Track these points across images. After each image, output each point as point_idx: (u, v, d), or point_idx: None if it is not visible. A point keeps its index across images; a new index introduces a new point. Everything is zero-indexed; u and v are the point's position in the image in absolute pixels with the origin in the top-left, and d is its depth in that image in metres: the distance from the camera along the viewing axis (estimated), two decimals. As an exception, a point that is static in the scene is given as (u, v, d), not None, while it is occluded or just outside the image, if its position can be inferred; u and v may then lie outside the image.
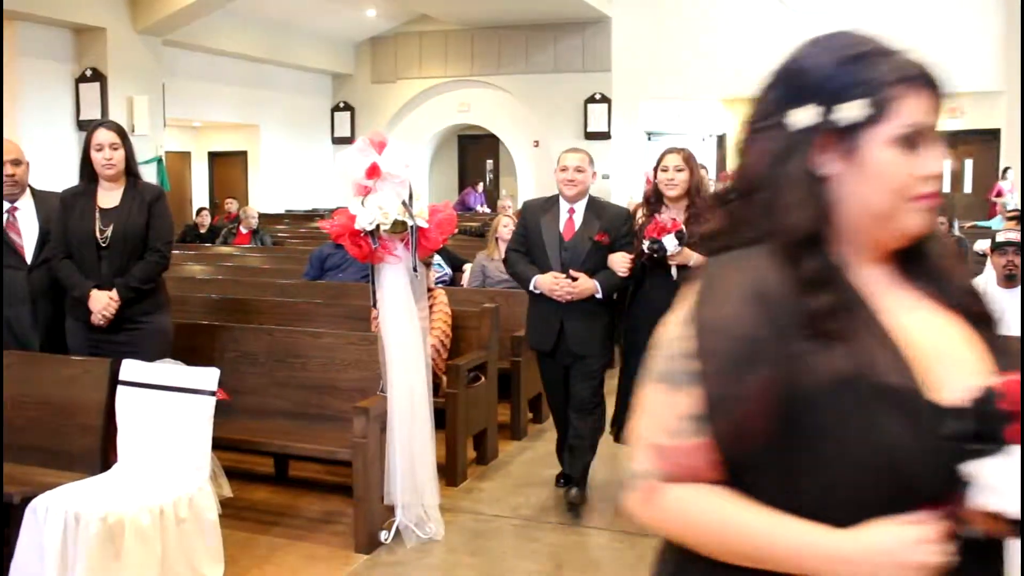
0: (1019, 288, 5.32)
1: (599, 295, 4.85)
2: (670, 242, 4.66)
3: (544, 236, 4.97)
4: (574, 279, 4.84)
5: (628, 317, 4.94)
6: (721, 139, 19.12)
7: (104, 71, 12.38)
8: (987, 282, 5.43)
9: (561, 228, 4.96)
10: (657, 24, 16.36)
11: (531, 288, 4.94)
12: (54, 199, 4.87)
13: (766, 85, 1.41)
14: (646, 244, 4.66)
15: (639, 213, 5.04)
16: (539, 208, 5.10)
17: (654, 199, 5.00)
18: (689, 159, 4.90)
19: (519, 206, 13.79)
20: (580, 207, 4.99)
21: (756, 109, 1.44)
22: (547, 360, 5.11)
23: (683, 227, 4.71)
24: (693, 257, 4.58)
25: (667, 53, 16.28)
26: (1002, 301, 5.25)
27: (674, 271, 4.71)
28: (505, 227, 7.25)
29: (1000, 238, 5.40)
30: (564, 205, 5.00)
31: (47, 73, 12.13)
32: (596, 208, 5.01)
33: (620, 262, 4.78)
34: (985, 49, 14.07)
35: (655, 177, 5.00)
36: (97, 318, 4.52)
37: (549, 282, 4.84)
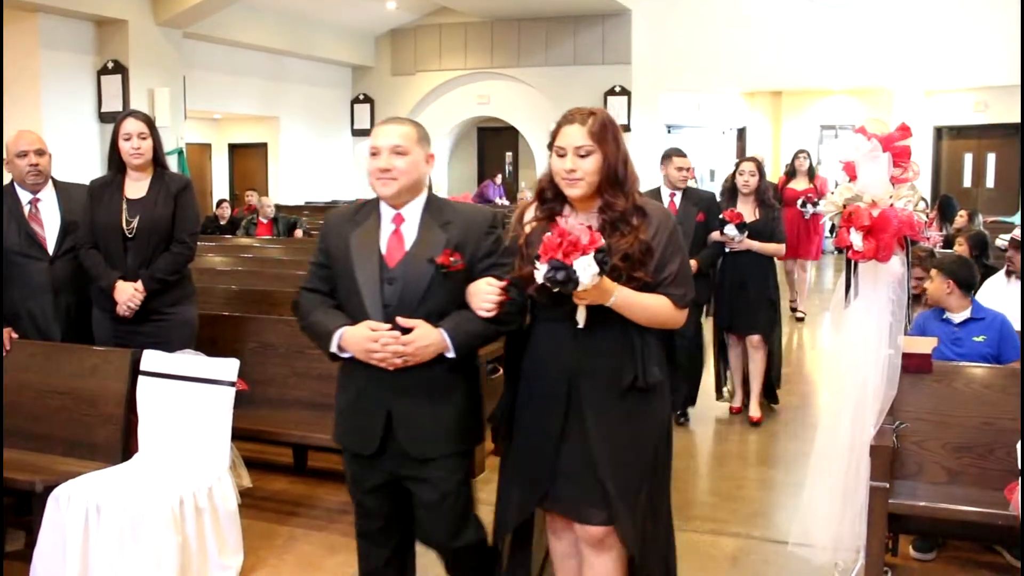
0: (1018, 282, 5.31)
1: (451, 354, 3.04)
2: (584, 267, 2.71)
3: (355, 262, 3.11)
4: (405, 330, 2.99)
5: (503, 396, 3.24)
6: (741, 132, 19.04)
7: (125, 63, 12.43)
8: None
9: (382, 248, 3.10)
10: (677, 16, 16.29)
11: (334, 350, 3.14)
12: (76, 190, 4.91)
13: None
14: (540, 271, 2.74)
15: (528, 214, 3.14)
16: (345, 220, 3.22)
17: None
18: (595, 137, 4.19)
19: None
20: (411, 212, 3.14)
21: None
22: (363, 469, 3.21)
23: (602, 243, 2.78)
24: (618, 294, 2.86)
25: (687, 46, 16.22)
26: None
27: (580, 315, 2.90)
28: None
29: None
30: (386, 212, 3.17)
31: (69, 65, 12.19)
32: (439, 211, 3.15)
33: (484, 295, 2.98)
34: (1007, 43, 13.94)
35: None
36: (122, 309, 4.55)
37: (363, 339, 3.01)
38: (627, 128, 16.57)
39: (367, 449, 3.11)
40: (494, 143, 20.46)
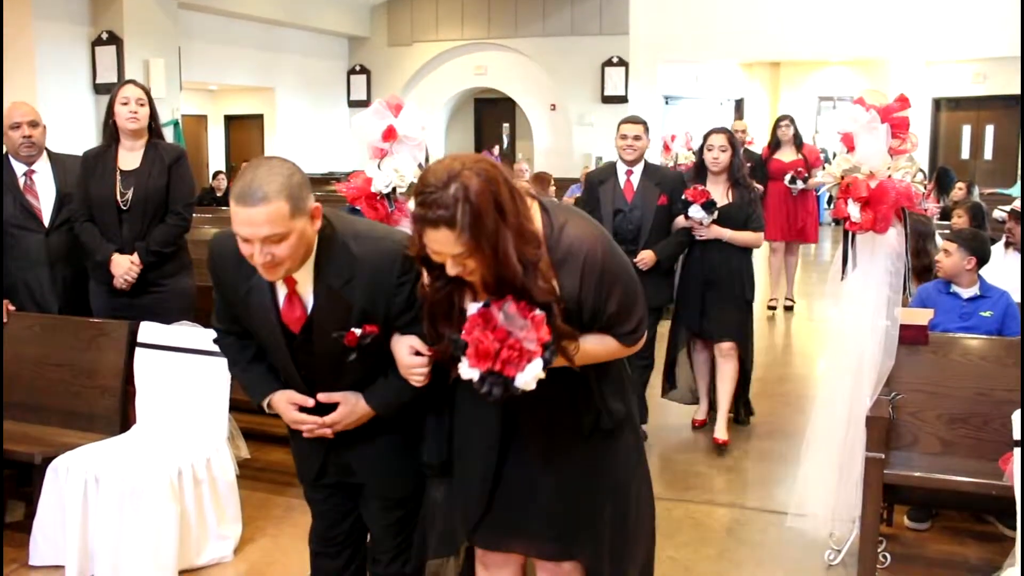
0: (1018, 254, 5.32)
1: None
2: (530, 378, 2.22)
3: (256, 325, 2.74)
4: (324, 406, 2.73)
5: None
6: (739, 103, 18.98)
7: (120, 34, 12.34)
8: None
9: (280, 313, 2.65)
10: (675, -14, 16.19)
11: (264, 404, 2.83)
12: (71, 162, 4.89)
13: None
14: (469, 374, 2.25)
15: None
16: (233, 267, 2.65)
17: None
18: None
19: (535, 169, 13.77)
20: (304, 274, 2.58)
21: None
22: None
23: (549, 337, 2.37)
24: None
25: (685, 16, 16.11)
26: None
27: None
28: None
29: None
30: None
31: (63, 36, 12.11)
32: (337, 266, 2.60)
33: (411, 369, 2.60)
34: (1007, 14, 13.87)
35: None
36: (119, 282, 4.54)
37: (288, 418, 2.77)
38: (624, 99, 16.51)
39: (309, 476, 2.91)
40: (491, 114, 20.37)
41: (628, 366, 2.65)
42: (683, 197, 5.27)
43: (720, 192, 5.41)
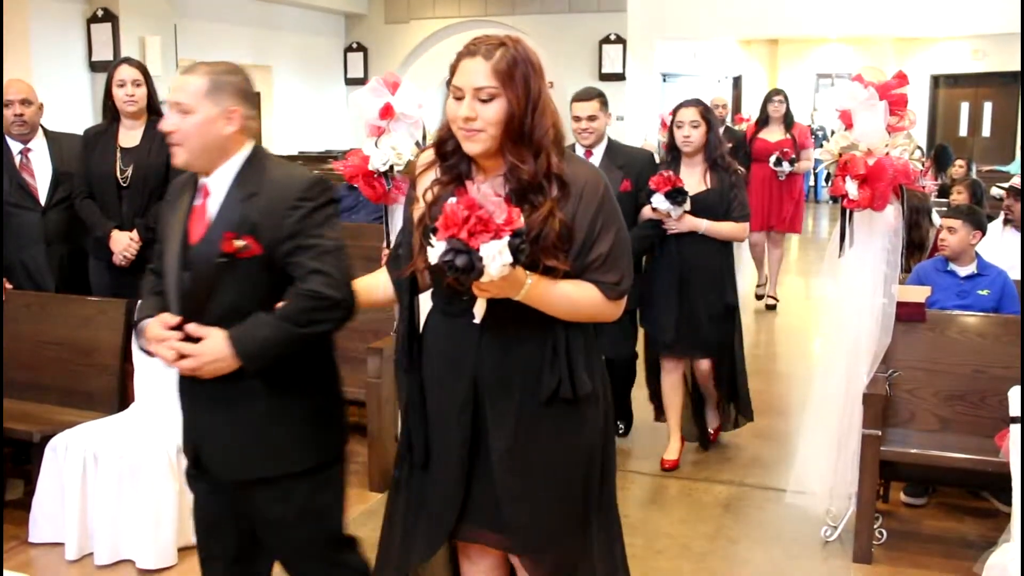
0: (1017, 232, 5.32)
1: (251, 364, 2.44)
2: (493, 253, 2.10)
3: (165, 241, 2.65)
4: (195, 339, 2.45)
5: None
6: (737, 80, 18.92)
7: (115, 11, 12.28)
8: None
9: (187, 224, 2.59)
10: (673, -38, 16.12)
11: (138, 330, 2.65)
12: (67, 140, 4.87)
13: None
14: (435, 249, 2.12)
15: (427, 178, 2.44)
16: (174, 189, 2.88)
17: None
18: None
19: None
20: (219, 182, 2.57)
21: None
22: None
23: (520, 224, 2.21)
24: (529, 286, 2.22)
25: (683, -8, 16.06)
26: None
27: (479, 309, 2.31)
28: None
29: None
30: (201, 182, 2.65)
31: (58, 13, 12.04)
32: (249, 180, 2.56)
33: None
34: (1007, -11, 13.83)
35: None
36: (119, 259, 4.54)
37: (151, 339, 2.53)
38: (622, 77, 16.46)
39: (189, 467, 2.69)
40: (489, 92, 20.30)
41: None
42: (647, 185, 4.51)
43: (696, 176, 4.59)
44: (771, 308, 8.63)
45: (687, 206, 4.51)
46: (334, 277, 2.44)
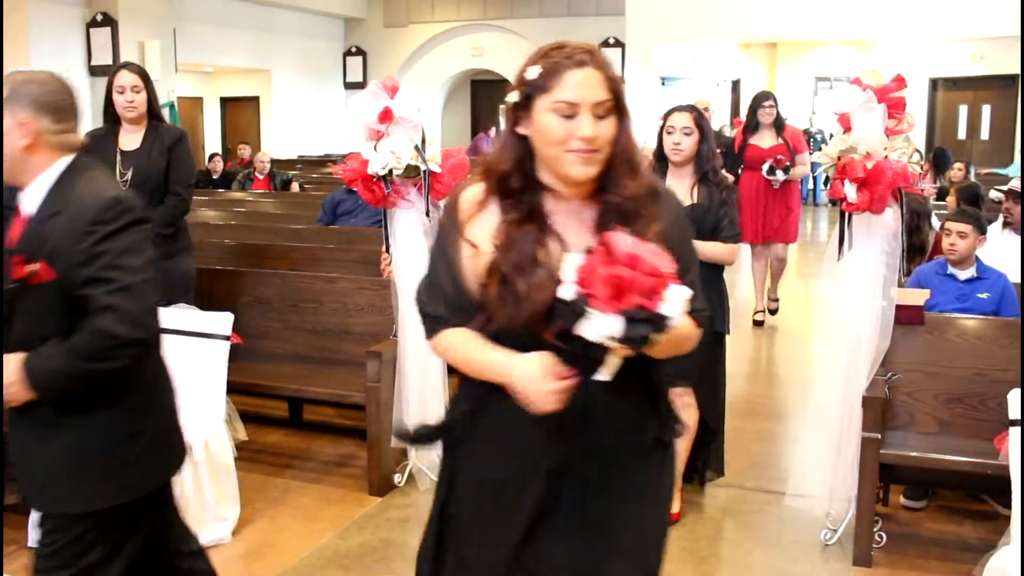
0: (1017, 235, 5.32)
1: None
2: (676, 304, 1.88)
3: None
4: None
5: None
6: (736, 84, 18.94)
7: (115, 15, 12.31)
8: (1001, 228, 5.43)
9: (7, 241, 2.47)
10: (672, -34, 16.13)
11: None
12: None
13: None
14: (604, 327, 1.81)
15: (482, 221, 2.09)
16: None
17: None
18: None
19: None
20: (31, 198, 2.41)
21: None
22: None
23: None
24: None
25: (682, -4, 16.08)
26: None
27: (612, 366, 1.92)
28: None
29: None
30: None
31: (58, 18, 12.07)
32: (59, 197, 2.38)
33: None
34: (1005, -8, 13.85)
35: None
36: (116, 262, 4.54)
37: None
38: (621, 80, 16.46)
39: None
40: (487, 96, 20.32)
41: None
42: None
43: (683, 189, 4.13)
44: (772, 312, 8.30)
45: None
46: (128, 313, 2.23)
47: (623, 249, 1.78)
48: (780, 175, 7.62)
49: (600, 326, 1.75)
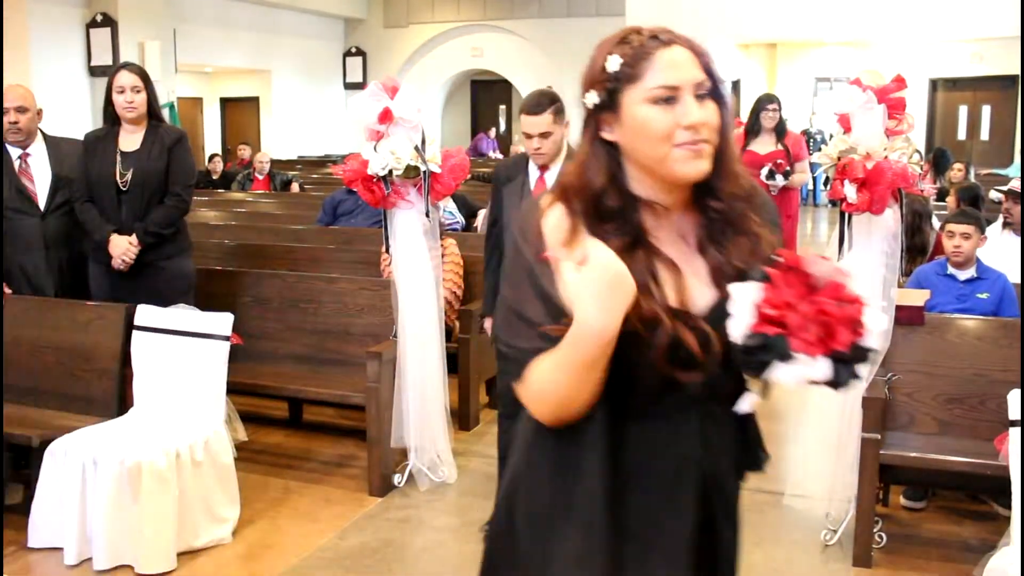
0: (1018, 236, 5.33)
1: None
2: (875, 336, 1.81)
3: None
4: None
5: None
6: (736, 84, 18.92)
7: (115, 16, 12.31)
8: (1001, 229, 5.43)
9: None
10: (672, -33, 16.14)
11: None
12: (66, 145, 4.88)
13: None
14: (803, 370, 1.52)
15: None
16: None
17: None
18: None
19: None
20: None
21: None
22: None
23: None
24: None
25: (682, -3, 16.08)
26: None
27: (753, 397, 1.84)
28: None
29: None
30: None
31: (58, 18, 12.07)
32: None
33: None
34: (1005, -8, 13.85)
35: None
36: (117, 263, 4.54)
37: None
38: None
39: None
40: (487, 96, 20.34)
41: None
42: None
43: None
44: None
45: None
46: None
47: (822, 274, 1.48)
48: (780, 180, 7.23)
49: (804, 371, 1.45)
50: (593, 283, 1.45)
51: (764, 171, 7.19)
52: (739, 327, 1.48)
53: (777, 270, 1.49)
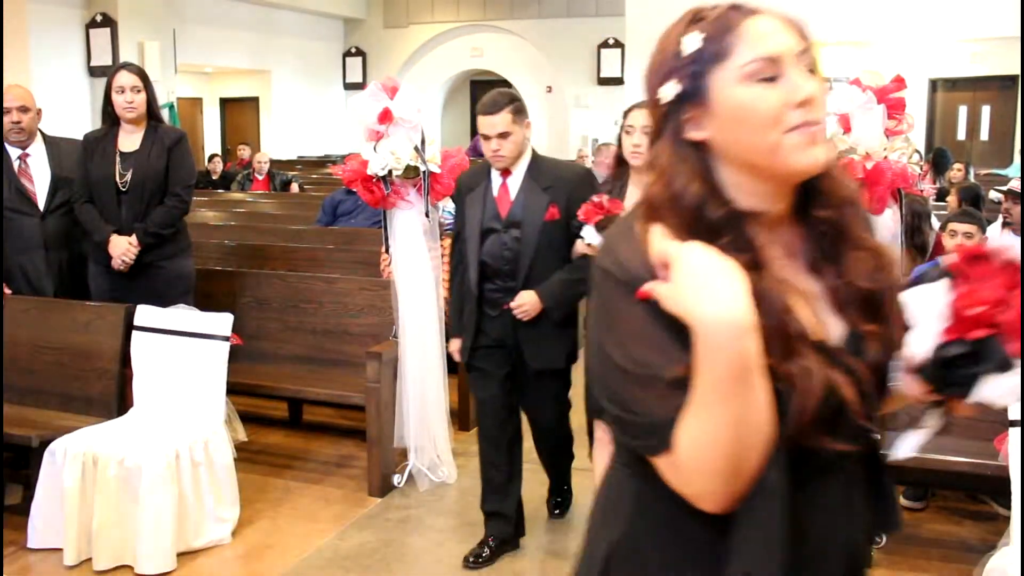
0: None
1: None
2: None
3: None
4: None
5: None
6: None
7: (115, 16, 12.30)
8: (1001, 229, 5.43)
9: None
10: (672, -33, 16.14)
11: None
12: (66, 145, 4.88)
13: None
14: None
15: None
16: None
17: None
18: None
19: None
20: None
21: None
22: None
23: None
24: None
25: (682, -3, 16.09)
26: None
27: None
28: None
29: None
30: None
31: (57, 18, 12.07)
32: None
33: None
34: (1005, -7, 13.85)
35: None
36: (117, 263, 4.54)
37: None
38: (621, 81, 16.47)
39: None
40: (487, 96, 20.34)
41: None
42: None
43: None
44: None
45: None
46: None
47: (998, 254, 1.25)
48: None
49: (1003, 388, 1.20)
50: (694, 274, 1.17)
51: None
52: (928, 337, 1.21)
53: (960, 263, 1.24)
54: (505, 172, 3.73)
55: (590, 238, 3.42)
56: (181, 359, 4.22)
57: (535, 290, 3.66)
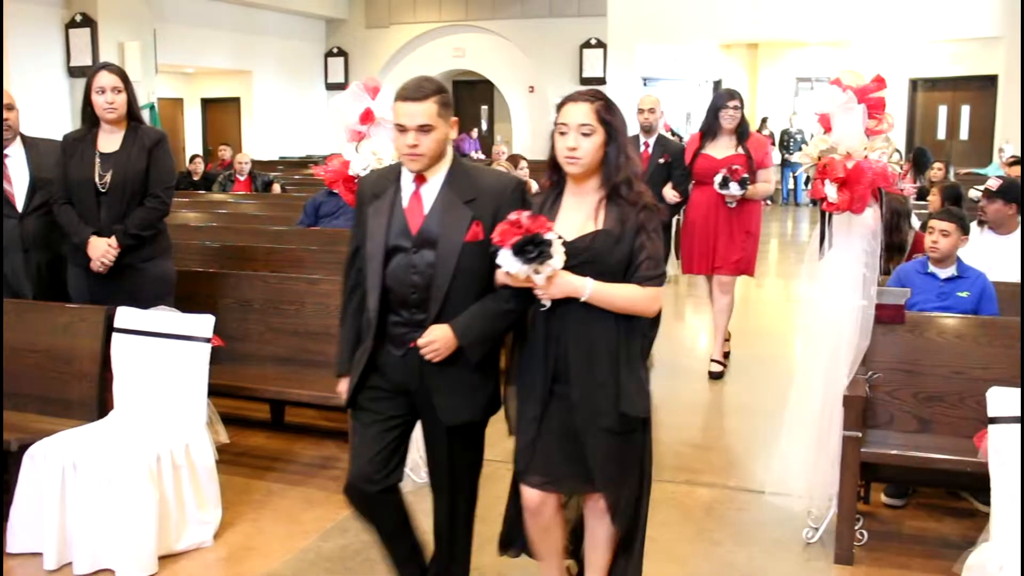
0: (1017, 234, 5.34)
1: None
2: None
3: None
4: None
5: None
6: (717, 84, 18.99)
7: (94, 16, 12.25)
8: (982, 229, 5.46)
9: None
10: (653, -33, 16.17)
11: None
12: (45, 146, 4.85)
13: None
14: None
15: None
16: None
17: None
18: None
19: (514, 151, 13.75)
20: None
21: None
22: None
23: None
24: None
25: (663, -3, 16.12)
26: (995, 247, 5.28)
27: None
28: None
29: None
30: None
31: (36, 18, 12.00)
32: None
33: None
34: (984, -7, 13.95)
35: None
36: (96, 265, 4.50)
37: None
38: (603, 81, 16.50)
39: None
40: (469, 97, 20.32)
41: None
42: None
43: (586, 210, 2.96)
44: (716, 376, 6.52)
45: (557, 260, 2.79)
46: None
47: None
48: (734, 189, 6.18)
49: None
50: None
51: (717, 178, 6.22)
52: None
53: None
54: (420, 178, 3.01)
55: (507, 265, 2.81)
56: (162, 361, 4.20)
57: (448, 324, 2.94)
